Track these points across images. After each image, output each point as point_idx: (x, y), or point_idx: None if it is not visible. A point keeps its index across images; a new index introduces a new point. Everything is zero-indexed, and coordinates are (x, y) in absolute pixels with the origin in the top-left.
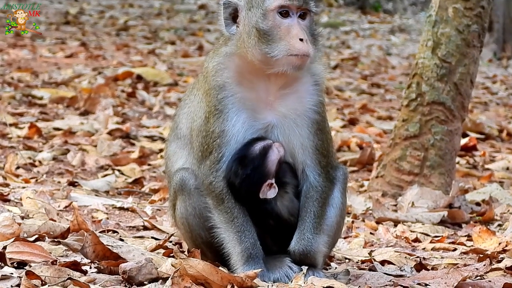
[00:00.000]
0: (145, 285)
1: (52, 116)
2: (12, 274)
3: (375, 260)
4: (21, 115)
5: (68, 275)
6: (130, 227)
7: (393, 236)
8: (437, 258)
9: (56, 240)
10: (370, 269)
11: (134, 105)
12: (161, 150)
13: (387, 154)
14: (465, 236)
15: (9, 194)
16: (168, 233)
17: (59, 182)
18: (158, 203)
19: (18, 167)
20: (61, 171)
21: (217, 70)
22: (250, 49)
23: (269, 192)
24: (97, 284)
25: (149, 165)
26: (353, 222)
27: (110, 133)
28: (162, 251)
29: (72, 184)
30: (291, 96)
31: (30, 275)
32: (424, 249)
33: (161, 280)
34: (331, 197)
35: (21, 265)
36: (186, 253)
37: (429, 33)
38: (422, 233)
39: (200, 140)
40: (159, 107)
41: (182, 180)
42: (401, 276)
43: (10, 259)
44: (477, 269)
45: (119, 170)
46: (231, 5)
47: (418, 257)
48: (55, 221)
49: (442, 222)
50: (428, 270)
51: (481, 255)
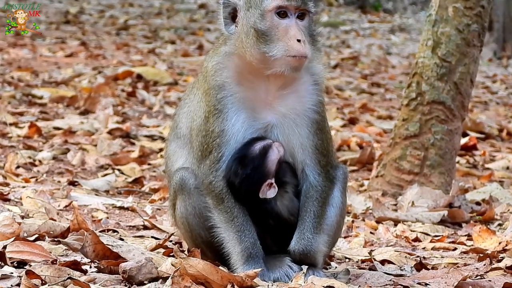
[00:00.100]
0: (145, 284)
1: (52, 115)
2: (12, 273)
3: (375, 260)
4: (21, 114)
5: (68, 274)
6: (130, 226)
7: (393, 235)
8: (437, 257)
9: (56, 239)
10: (370, 269)
11: (134, 105)
12: (161, 150)
13: (387, 153)
14: (465, 235)
15: (9, 193)
16: (168, 233)
17: (59, 182)
18: (158, 202)
19: (18, 167)
20: (61, 171)
21: (217, 69)
22: (248, 49)
23: (269, 191)
24: (97, 284)
25: (149, 164)
26: (353, 221)
27: (110, 132)
28: (162, 250)
29: (72, 183)
30: (290, 95)
31: (30, 274)
32: (424, 248)
33: (161, 280)
34: (331, 196)
35: (21, 264)
36: (186, 252)
37: (429, 32)
38: (422, 232)
39: (200, 139)
40: (159, 107)
41: (182, 180)
42: (401, 275)
43: (10, 258)
44: (477, 268)
45: (119, 170)
46: (230, 5)
47: (418, 256)
48: (55, 220)
49: (442, 222)
50: (428, 269)
51: (481, 255)
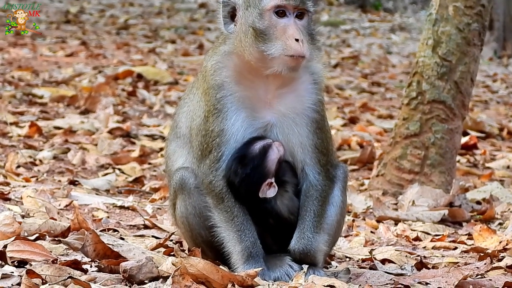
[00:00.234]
0: (145, 284)
1: (52, 115)
2: (12, 272)
3: (375, 259)
4: (21, 114)
5: (69, 274)
6: (131, 226)
7: (393, 234)
8: (437, 256)
9: (56, 239)
10: (370, 268)
11: (135, 104)
12: (161, 149)
13: (388, 152)
14: (466, 234)
15: (9, 193)
16: (168, 232)
17: (59, 181)
18: (158, 202)
19: (18, 166)
20: (61, 170)
21: (216, 69)
22: (247, 48)
23: (269, 191)
24: (98, 283)
25: (149, 164)
26: (353, 220)
27: (110, 132)
28: (163, 250)
29: (73, 183)
30: (290, 95)
31: (31, 274)
32: (424, 247)
33: (161, 279)
34: (331, 195)
35: (21, 264)
36: (186, 252)
37: (429, 31)
38: (423, 231)
39: (199, 139)
40: (159, 106)
41: (182, 179)
42: (401, 274)
43: (11, 257)
44: (477, 267)
45: (119, 169)
46: (229, 4)
47: (418, 255)
48: (55, 220)
49: (443, 221)
50: (429, 268)
51: (481, 254)
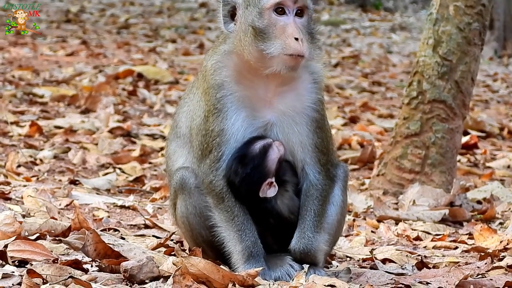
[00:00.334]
0: (146, 283)
1: (53, 114)
2: (13, 272)
3: (376, 259)
4: (22, 113)
5: (70, 273)
6: (131, 225)
7: (394, 234)
8: (438, 256)
9: (57, 238)
10: (371, 268)
11: (135, 103)
12: (162, 148)
13: (388, 152)
14: (466, 234)
15: (10, 192)
16: (169, 232)
17: (60, 181)
18: (159, 201)
19: (19, 166)
20: (62, 170)
21: (216, 68)
22: (247, 47)
23: (269, 190)
24: (99, 283)
25: (150, 163)
26: (354, 220)
27: (111, 131)
28: (163, 249)
29: (73, 182)
30: (289, 94)
31: (31, 273)
32: (425, 247)
33: (162, 279)
34: (332, 195)
35: (22, 263)
36: (187, 251)
37: (430, 31)
38: (423, 231)
39: (199, 139)
40: (160, 105)
41: (182, 179)
42: (402, 274)
43: (12, 257)
44: (478, 267)
45: (120, 169)
46: (229, 3)
47: (419, 255)
48: (56, 219)
49: (443, 220)
50: (429, 268)
51: (482, 254)
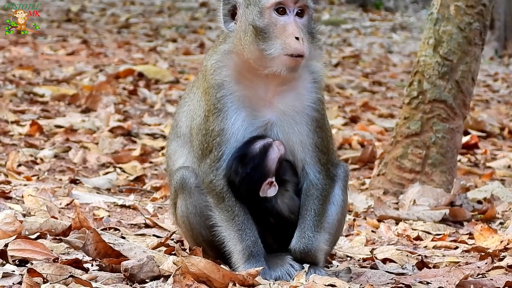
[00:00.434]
0: (146, 283)
1: (53, 113)
2: (13, 271)
3: (376, 258)
4: (22, 112)
5: (70, 272)
6: (132, 224)
7: (394, 234)
8: (438, 256)
9: (57, 237)
10: (371, 267)
11: (136, 103)
12: (162, 148)
13: (389, 152)
14: (467, 234)
15: (10, 191)
16: (169, 231)
17: (60, 180)
18: (159, 200)
19: (19, 165)
20: (62, 169)
21: (216, 68)
22: (247, 46)
23: (269, 190)
24: (99, 282)
25: (150, 162)
26: (354, 220)
27: (111, 130)
28: (164, 249)
29: (74, 181)
30: (289, 93)
31: (32, 272)
32: (425, 247)
33: (162, 278)
34: (332, 194)
35: (22, 262)
36: (187, 251)
37: (430, 31)
38: (424, 231)
39: (200, 138)
40: (160, 105)
41: (182, 179)
42: (402, 274)
43: (12, 256)
44: (478, 267)
45: (120, 168)
46: (230, 2)
47: (419, 255)
48: (56, 218)
49: (444, 220)
50: (430, 268)
51: (482, 253)
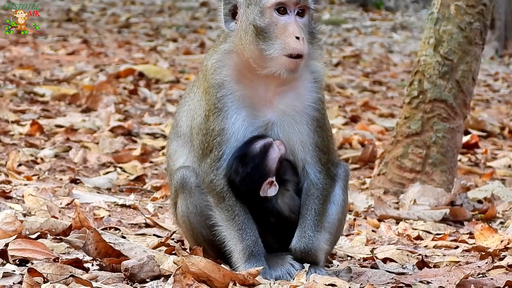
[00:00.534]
0: (147, 282)
1: (54, 113)
2: (14, 271)
3: (377, 258)
4: (23, 112)
5: (70, 272)
6: (132, 224)
7: (395, 233)
8: (439, 255)
9: (58, 237)
10: (372, 267)
11: (136, 103)
12: (163, 147)
13: (389, 151)
14: (467, 233)
15: (11, 191)
16: (170, 231)
17: (61, 180)
18: (160, 200)
19: (20, 164)
20: (63, 169)
21: (216, 68)
22: (247, 46)
23: (270, 190)
24: (99, 282)
25: (151, 162)
26: (355, 219)
27: (112, 130)
28: (164, 248)
29: (74, 181)
30: (290, 93)
31: (32, 272)
32: (426, 246)
33: (163, 278)
34: (332, 194)
35: (23, 262)
36: (188, 250)
37: (431, 30)
38: (424, 230)
39: (200, 138)
40: (161, 105)
41: (183, 178)
42: (403, 273)
43: (12, 256)
44: (479, 267)
45: (121, 168)
46: (231, 2)
47: (420, 254)
48: (57, 218)
49: (444, 220)
50: (430, 267)
51: (483, 253)
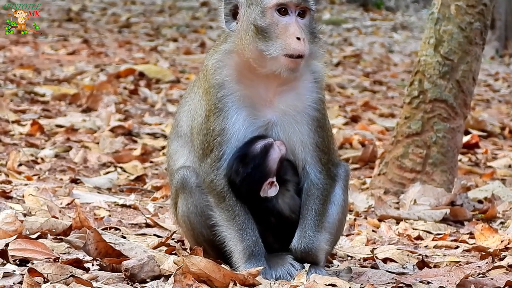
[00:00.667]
0: (147, 282)
1: (54, 113)
2: (14, 271)
3: (377, 258)
4: (23, 112)
5: (71, 272)
6: (132, 224)
7: (395, 233)
8: (439, 255)
9: (58, 237)
10: (372, 267)
11: (136, 102)
12: (163, 147)
13: (389, 151)
14: (467, 233)
15: (11, 191)
16: (170, 231)
17: (61, 179)
18: (160, 200)
19: (20, 164)
20: (63, 168)
21: (217, 68)
22: (247, 46)
23: (270, 190)
24: (100, 282)
25: (151, 162)
26: (355, 219)
27: (112, 130)
28: (165, 248)
29: (74, 181)
30: (290, 93)
31: (33, 272)
32: (426, 246)
33: (163, 278)
34: (333, 194)
35: (23, 262)
36: (188, 250)
37: (431, 30)
38: (424, 230)
39: (200, 138)
40: (161, 104)
41: (183, 178)
42: (403, 273)
43: (13, 256)
44: (479, 267)
45: (121, 167)
46: (231, 2)
47: (420, 254)
48: (57, 218)
49: (444, 220)
50: (430, 268)
51: (483, 253)
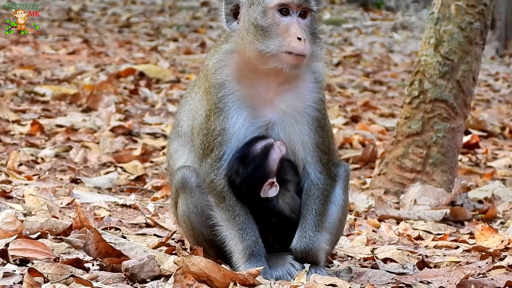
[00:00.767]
0: (147, 282)
1: (54, 113)
2: (14, 271)
3: (377, 258)
4: (23, 112)
5: (71, 272)
6: (133, 224)
7: (395, 233)
8: (439, 256)
9: (58, 237)
10: (372, 267)
11: (137, 102)
12: (163, 147)
13: (390, 151)
14: (468, 234)
15: (11, 191)
16: (170, 231)
17: (61, 179)
18: (160, 200)
19: (20, 164)
20: (63, 168)
21: (217, 68)
22: (248, 45)
23: (270, 190)
24: (100, 282)
25: (151, 162)
26: (355, 219)
27: (112, 130)
28: (165, 248)
29: (75, 181)
30: (291, 93)
31: (33, 272)
32: (426, 246)
33: (163, 278)
34: (333, 194)
35: (23, 262)
36: (188, 250)
37: (431, 30)
38: (425, 230)
39: (201, 138)
40: (161, 104)
41: (183, 178)
42: (403, 274)
43: (13, 256)
44: (479, 267)
45: (121, 167)
46: (232, 1)
47: (420, 254)
48: (57, 218)
49: (445, 220)
50: (431, 268)
51: (483, 253)
